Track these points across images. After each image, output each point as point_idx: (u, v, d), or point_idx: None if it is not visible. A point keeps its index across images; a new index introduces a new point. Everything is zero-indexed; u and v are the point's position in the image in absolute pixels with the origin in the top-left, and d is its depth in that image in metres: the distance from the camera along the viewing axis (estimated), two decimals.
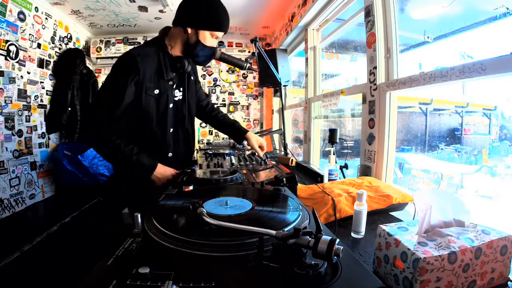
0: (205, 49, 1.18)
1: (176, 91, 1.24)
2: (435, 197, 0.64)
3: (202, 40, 1.16)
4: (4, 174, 2.66)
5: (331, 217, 0.95)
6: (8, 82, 2.68)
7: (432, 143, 3.56)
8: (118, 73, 1.09)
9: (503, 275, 0.60)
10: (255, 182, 1.07)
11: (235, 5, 2.95)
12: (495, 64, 0.96)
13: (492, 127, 3.05)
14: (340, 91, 1.93)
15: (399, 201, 1.05)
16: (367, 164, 1.58)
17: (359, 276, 0.45)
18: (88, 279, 0.44)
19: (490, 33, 1.34)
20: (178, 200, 0.80)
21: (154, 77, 1.14)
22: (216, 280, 0.43)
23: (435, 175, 3.11)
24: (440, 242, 0.57)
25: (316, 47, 2.66)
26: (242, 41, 4.06)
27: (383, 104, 1.48)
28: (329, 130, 1.70)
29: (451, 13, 1.52)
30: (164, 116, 1.20)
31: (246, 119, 4.16)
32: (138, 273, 0.43)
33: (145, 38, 3.88)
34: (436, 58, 1.68)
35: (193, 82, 1.34)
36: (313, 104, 2.60)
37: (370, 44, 1.56)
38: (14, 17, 2.69)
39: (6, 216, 2.64)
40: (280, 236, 0.46)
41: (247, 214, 0.68)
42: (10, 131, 2.75)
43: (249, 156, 1.77)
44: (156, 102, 1.16)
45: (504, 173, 2.54)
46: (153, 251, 0.53)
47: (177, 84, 1.24)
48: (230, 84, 4.12)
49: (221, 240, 0.53)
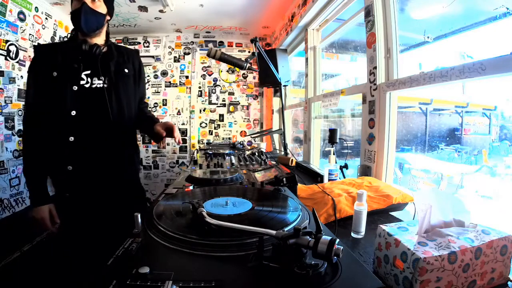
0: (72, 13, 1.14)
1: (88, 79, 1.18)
2: (435, 197, 0.64)
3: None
4: (4, 174, 2.66)
5: (331, 217, 0.95)
6: (8, 82, 2.68)
7: (432, 143, 3.56)
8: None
9: (503, 275, 0.60)
10: (255, 182, 1.07)
11: (235, 5, 2.95)
12: (495, 64, 0.96)
13: (492, 127, 3.05)
14: (340, 91, 1.93)
15: (399, 201, 1.05)
16: (367, 164, 1.58)
17: (359, 276, 0.45)
18: (88, 279, 0.44)
19: (490, 33, 1.34)
20: (178, 200, 0.80)
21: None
22: (216, 280, 0.43)
23: (435, 175, 3.11)
24: (440, 242, 0.57)
25: (316, 47, 2.66)
26: (242, 41, 4.05)
27: (383, 104, 1.48)
28: (329, 130, 1.69)
29: (451, 13, 1.52)
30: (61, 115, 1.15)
31: (246, 119, 4.16)
32: (138, 273, 0.43)
33: (145, 38, 3.88)
34: (436, 58, 1.68)
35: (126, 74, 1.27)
36: (313, 104, 2.60)
37: (370, 44, 1.56)
38: (14, 17, 2.69)
39: (6, 216, 2.64)
40: (280, 236, 0.46)
41: (247, 214, 0.68)
42: (10, 131, 2.74)
43: (249, 156, 1.77)
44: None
45: (504, 173, 2.54)
46: (153, 251, 0.53)
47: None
48: (230, 84, 4.12)
49: (221, 240, 0.53)
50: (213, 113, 4.13)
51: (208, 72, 4.09)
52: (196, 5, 2.97)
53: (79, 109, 1.15)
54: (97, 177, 1.19)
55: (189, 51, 3.99)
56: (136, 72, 1.32)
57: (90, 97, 1.17)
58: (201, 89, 4.10)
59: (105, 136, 1.19)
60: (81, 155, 1.16)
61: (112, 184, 1.22)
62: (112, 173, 1.22)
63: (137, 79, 1.32)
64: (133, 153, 1.34)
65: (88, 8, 1.12)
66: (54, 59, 1.15)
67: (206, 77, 4.10)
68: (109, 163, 1.21)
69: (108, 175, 1.21)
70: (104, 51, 1.22)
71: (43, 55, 1.17)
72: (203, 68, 4.08)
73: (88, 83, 1.17)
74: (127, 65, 1.28)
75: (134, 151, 1.36)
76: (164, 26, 3.66)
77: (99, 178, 1.19)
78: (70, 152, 1.14)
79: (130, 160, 1.32)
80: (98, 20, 1.17)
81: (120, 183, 1.25)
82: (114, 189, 1.22)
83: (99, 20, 1.17)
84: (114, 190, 1.22)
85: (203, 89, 4.10)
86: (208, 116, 4.13)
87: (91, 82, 1.18)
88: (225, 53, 1.55)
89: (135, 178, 1.38)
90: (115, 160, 1.23)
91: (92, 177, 1.18)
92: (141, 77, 1.35)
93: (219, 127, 4.15)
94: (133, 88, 1.30)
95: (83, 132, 1.16)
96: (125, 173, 1.28)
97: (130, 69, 1.29)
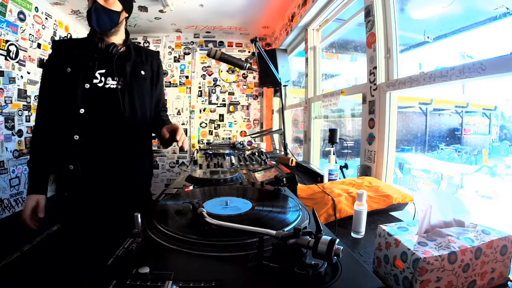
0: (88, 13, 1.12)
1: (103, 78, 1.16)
2: (435, 197, 0.64)
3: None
4: (4, 174, 2.66)
5: (331, 217, 0.95)
6: (8, 82, 2.68)
7: (432, 143, 3.56)
8: None
9: (503, 275, 0.60)
10: (255, 182, 1.07)
11: (235, 5, 2.96)
12: (495, 64, 0.96)
13: (492, 127, 3.05)
14: (340, 91, 1.93)
15: (399, 201, 1.05)
16: (367, 164, 1.58)
17: (359, 276, 0.45)
18: (88, 279, 0.44)
19: (490, 33, 1.34)
20: (178, 200, 0.80)
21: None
22: (216, 280, 0.43)
23: (435, 175, 3.11)
24: (440, 242, 0.57)
25: (316, 47, 2.66)
26: (242, 41, 4.05)
27: (383, 104, 1.48)
28: (329, 130, 1.69)
29: (451, 13, 1.52)
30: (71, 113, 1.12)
31: (246, 119, 4.16)
32: (138, 273, 0.43)
33: (145, 38, 3.88)
34: (436, 58, 1.68)
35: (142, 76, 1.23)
36: (313, 104, 2.60)
37: (370, 44, 1.56)
38: (14, 17, 2.69)
39: (6, 216, 2.64)
40: (280, 236, 0.46)
41: (247, 214, 0.68)
42: (10, 131, 2.74)
43: (249, 156, 1.77)
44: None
45: (504, 173, 2.55)
46: (153, 251, 0.53)
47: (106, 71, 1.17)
48: (230, 84, 4.12)
49: (221, 240, 0.53)
50: (213, 113, 4.13)
51: (208, 72, 4.09)
52: (196, 5, 2.97)
53: (89, 108, 1.12)
54: (99, 178, 1.15)
55: (189, 51, 3.99)
56: (154, 74, 1.29)
57: (102, 97, 1.14)
58: (201, 89, 4.10)
59: (113, 138, 1.15)
60: (84, 155, 1.13)
61: (114, 187, 1.18)
62: (116, 176, 1.18)
63: (155, 81, 1.29)
64: (144, 157, 1.29)
65: (100, 6, 1.09)
66: (70, 54, 1.14)
67: (206, 77, 4.10)
68: (115, 165, 1.16)
69: (112, 177, 1.17)
70: (121, 51, 1.19)
71: (60, 49, 1.16)
72: (203, 68, 4.09)
73: (101, 82, 1.15)
74: (144, 67, 1.24)
75: (146, 155, 1.31)
76: (164, 26, 3.66)
77: (102, 180, 1.16)
78: (74, 151, 1.12)
79: (139, 165, 1.26)
80: (112, 19, 1.12)
81: (123, 187, 1.20)
82: (115, 192, 1.18)
83: (113, 18, 1.13)
84: (115, 193, 1.18)
85: (203, 89, 4.11)
86: (208, 116, 4.13)
87: (104, 81, 1.15)
88: (225, 53, 1.55)
89: (142, 183, 1.33)
90: (122, 163, 1.18)
91: (94, 178, 1.15)
92: (159, 80, 1.31)
93: (219, 127, 4.15)
94: (150, 91, 1.27)
95: (90, 131, 1.12)
96: (130, 177, 1.22)
97: (148, 70, 1.25)
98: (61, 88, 1.12)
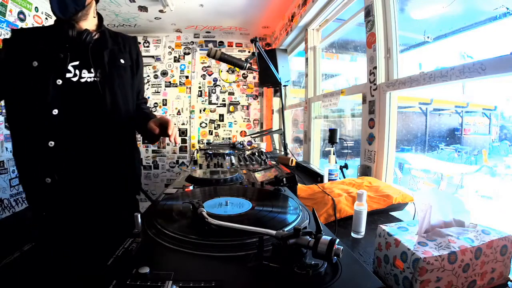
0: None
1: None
2: (435, 197, 0.64)
3: None
4: (4, 174, 2.66)
5: (331, 217, 0.95)
6: None
7: (432, 143, 3.56)
8: None
9: (503, 275, 0.60)
10: (255, 182, 1.07)
11: (235, 5, 2.96)
12: (495, 64, 0.96)
13: (492, 127, 3.05)
14: (340, 91, 1.93)
15: (399, 201, 1.05)
16: (367, 164, 1.58)
17: (359, 276, 0.45)
18: (88, 279, 0.44)
19: (490, 33, 1.34)
20: (178, 200, 0.80)
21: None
22: (216, 280, 0.43)
23: (435, 175, 3.11)
24: (440, 242, 0.57)
25: (316, 47, 2.66)
26: (242, 41, 4.05)
27: (383, 104, 1.48)
28: (329, 130, 1.69)
29: (451, 13, 1.52)
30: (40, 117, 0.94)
31: (246, 119, 4.16)
32: (138, 273, 0.43)
33: (145, 38, 3.88)
34: (436, 58, 1.68)
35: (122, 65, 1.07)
36: (313, 104, 2.60)
37: (370, 44, 1.56)
38: (14, 17, 2.69)
39: (6, 216, 2.64)
40: (280, 236, 0.46)
41: (247, 214, 0.68)
42: None
43: (249, 156, 1.77)
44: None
45: (504, 173, 2.55)
46: (153, 251, 0.53)
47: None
48: (230, 84, 4.12)
49: (221, 240, 0.53)
50: (213, 113, 4.13)
51: (208, 72, 4.09)
52: (196, 5, 2.97)
53: (63, 108, 0.95)
54: (83, 191, 0.99)
55: (189, 51, 3.99)
56: (134, 62, 1.13)
57: (78, 94, 0.97)
58: (201, 89, 4.10)
59: (95, 141, 0.99)
60: (63, 165, 0.96)
61: (101, 200, 1.03)
62: (104, 186, 1.02)
63: (135, 70, 1.14)
64: (134, 158, 1.16)
65: None
66: (35, 46, 0.96)
67: (206, 77, 4.10)
68: (100, 173, 1.01)
69: (98, 188, 1.01)
70: (96, 38, 1.02)
71: (22, 40, 0.97)
72: (203, 68, 4.08)
73: (75, 76, 0.98)
74: (123, 55, 1.09)
75: (135, 156, 1.18)
76: (164, 26, 3.66)
77: (86, 192, 1.00)
78: (49, 160, 0.94)
79: (130, 169, 1.13)
80: (76, 1, 0.94)
81: (113, 199, 1.05)
82: (103, 205, 1.03)
83: (78, 0, 0.94)
84: (103, 206, 1.03)
85: (203, 89, 4.11)
86: (208, 116, 4.13)
87: (79, 75, 0.98)
88: (225, 53, 1.55)
89: (133, 189, 1.18)
90: (109, 170, 1.03)
91: (77, 191, 0.99)
92: (139, 68, 1.16)
93: (219, 127, 4.15)
94: (130, 82, 1.11)
95: (67, 135, 0.96)
96: (120, 185, 1.08)
97: (127, 59, 1.10)
98: (28, 86, 0.94)
